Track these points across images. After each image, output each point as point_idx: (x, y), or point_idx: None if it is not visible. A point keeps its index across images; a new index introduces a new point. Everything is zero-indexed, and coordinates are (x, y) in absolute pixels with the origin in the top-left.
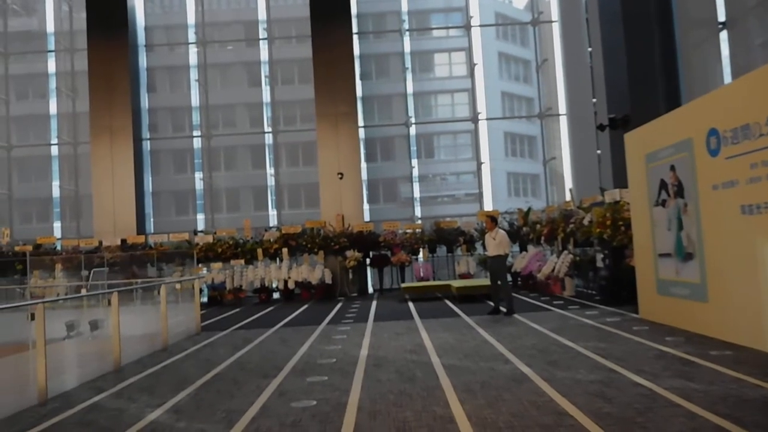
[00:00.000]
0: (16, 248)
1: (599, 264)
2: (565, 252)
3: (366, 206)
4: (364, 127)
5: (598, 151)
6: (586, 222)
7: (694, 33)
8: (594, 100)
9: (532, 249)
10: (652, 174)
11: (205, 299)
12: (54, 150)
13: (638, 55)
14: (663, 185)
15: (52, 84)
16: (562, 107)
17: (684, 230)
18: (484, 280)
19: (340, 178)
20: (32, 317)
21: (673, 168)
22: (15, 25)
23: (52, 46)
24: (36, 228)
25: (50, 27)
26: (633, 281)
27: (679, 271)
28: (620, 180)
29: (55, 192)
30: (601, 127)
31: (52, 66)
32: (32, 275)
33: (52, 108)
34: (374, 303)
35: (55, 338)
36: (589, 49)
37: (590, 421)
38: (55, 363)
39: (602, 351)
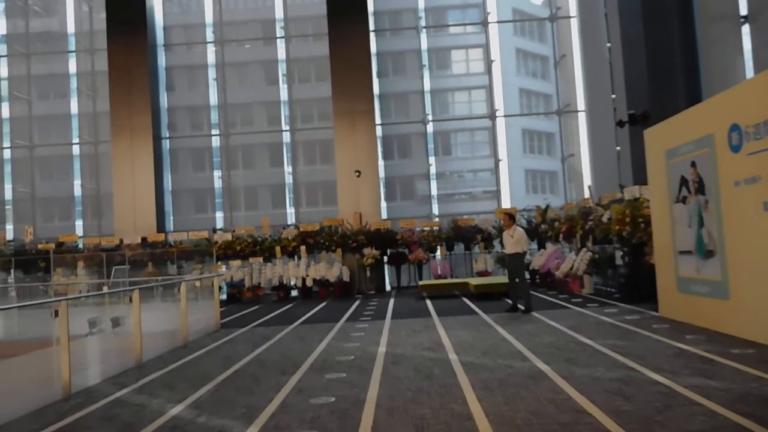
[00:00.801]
0: (39, 246)
1: (618, 261)
2: (584, 249)
3: (383, 204)
4: (382, 124)
5: (618, 148)
6: (605, 219)
7: (716, 27)
8: (613, 96)
9: (550, 246)
10: (673, 170)
11: (224, 297)
12: (75, 149)
13: (658, 50)
14: (683, 182)
15: (73, 84)
16: (581, 104)
17: (705, 227)
18: (502, 278)
19: (358, 176)
20: (56, 314)
21: (693, 164)
22: (36, 26)
23: (72, 46)
24: (58, 226)
25: (71, 27)
26: (653, 279)
27: (699, 269)
28: (640, 177)
29: (77, 191)
30: (620, 124)
31: (72, 66)
32: (55, 273)
33: (73, 108)
34: (392, 300)
35: (78, 335)
36: (608, 45)
37: (609, 420)
38: (78, 359)
39: (621, 349)
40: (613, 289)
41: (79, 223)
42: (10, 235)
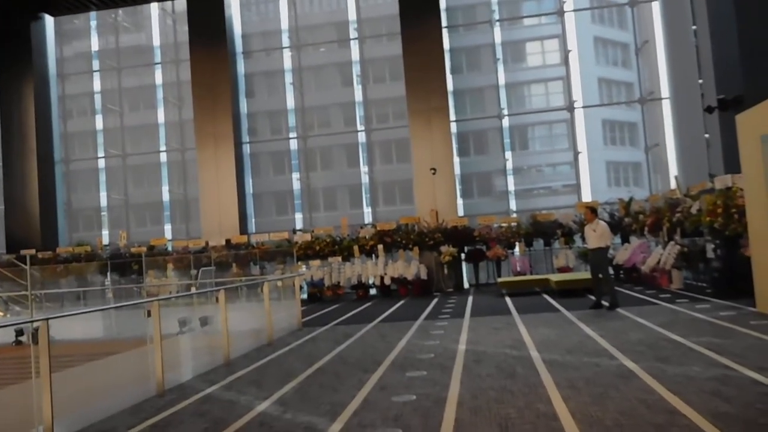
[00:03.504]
0: (132, 250)
1: (710, 255)
2: (672, 243)
3: (460, 201)
4: (456, 121)
5: (706, 135)
6: (694, 210)
7: None
8: (700, 81)
9: (635, 240)
10: None
11: (305, 296)
12: (163, 156)
13: (751, 29)
14: None
15: (160, 94)
16: (665, 91)
17: None
18: (585, 274)
19: (433, 173)
20: (149, 314)
21: None
22: (125, 41)
23: (158, 58)
24: (149, 230)
25: (156, 41)
26: (749, 272)
27: None
28: (732, 165)
29: (166, 196)
30: (709, 110)
31: (159, 77)
32: (147, 275)
33: (161, 117)
34: (470, 298)
35: (170, 334)
36: (694, 27)
37: (706, 422)
38: (171, 357)
39: (717, 347)
40: (704, 283)
41: (168, 227)
42: (106, 240)
